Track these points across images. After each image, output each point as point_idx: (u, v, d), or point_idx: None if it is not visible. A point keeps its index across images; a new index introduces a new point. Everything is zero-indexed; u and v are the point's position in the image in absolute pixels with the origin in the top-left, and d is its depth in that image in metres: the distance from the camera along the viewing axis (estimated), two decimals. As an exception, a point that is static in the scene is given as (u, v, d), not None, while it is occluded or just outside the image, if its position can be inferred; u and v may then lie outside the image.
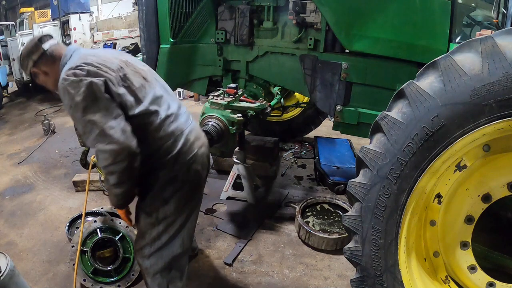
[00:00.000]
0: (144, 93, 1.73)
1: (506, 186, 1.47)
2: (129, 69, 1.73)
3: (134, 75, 1.73)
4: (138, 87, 1.72)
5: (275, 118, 4.65)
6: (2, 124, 6.78)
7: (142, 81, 1.75)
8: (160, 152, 1.76)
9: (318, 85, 2.80)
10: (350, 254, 1.65)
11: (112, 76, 1.63)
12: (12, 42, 8.21)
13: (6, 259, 1.90)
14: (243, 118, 2.71)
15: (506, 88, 1.25)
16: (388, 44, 2.44)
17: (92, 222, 2.50)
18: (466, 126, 1.33)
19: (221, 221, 3.17)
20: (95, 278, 2.37)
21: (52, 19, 8.24)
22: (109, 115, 1.58)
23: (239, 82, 3.31)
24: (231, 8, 3.05)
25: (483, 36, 1.32)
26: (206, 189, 3.67)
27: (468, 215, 1.54)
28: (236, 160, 3.32)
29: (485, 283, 1.57)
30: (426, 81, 1.41)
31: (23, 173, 4.35)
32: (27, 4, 16.50)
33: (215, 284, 2.48)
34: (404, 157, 1.43)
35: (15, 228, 3.20)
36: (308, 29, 2.84)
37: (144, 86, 1.75)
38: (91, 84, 1.56)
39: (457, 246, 1.58)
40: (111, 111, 1.59)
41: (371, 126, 1.59)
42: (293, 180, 3.94)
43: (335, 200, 3.23)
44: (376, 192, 1.51)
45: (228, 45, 3.20)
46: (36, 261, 2.75)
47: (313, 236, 2.78)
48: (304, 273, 2.58)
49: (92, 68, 1.60)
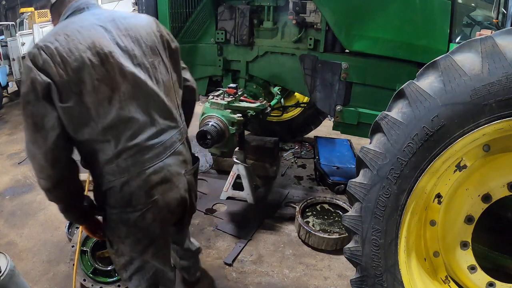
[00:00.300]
0: (103, 110, 1.30)
1: (506, 186, 1.47)
2: (101, 69, 1.28)
3: (101, 81, 1.28)
4: (95, 101, 1.28)
5: (275, 118, 4.65)
6: (2, 124, 6.77)
7: (108, 92, 1.30)
8: (110, 190, 1.43)
9: (318, 85, 2.80)
10: (350, 254, 1.65)
11: (62, 80, 1.23)
12: (12, 42, 8.20)
13: (6, 259, 1.90)
14: (243, 118, 2.71)
15: (506, 88, 1.24)
16: (388, 44, 2.44)
17: (92, 222, 2.50)
18: (466, 126, 1.33)
19: (221, 221, 3.17)
20: (95, 278, 2.37)
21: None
22: (36, 128, 1.26)
23: (239, 82, 3.31)
24: (231, 8, 3.05)
25: (483, 36, 1.32)
26: (206, 189, 3.69)
27: (468, 215, 1.54)
28: (236, 160, 3.32)
29: (485, 283, 1.57)
30: (426, 81, 1.41)
31: (23, 173, 4.35)
32: (27, 4, 16.50)
33: (215, 284, 2.48)
34: (404, 157, 1.43)
35: (15, 228, 3.20)
36: (308, 29, 2.84)
37: (109, 101, 1.30)
38: (34, 81, 1.23)
39: (457, 246, 1.58)
40: (41, 124, 1.25)
41: (371, 126, 1.59)
42: (293, 180, 3.94)
43: (335, 200, 3.23)
44: (376, 192, 1.51)
45: (228, 45, 3.20)
46: (36, 261, 2.75)
47: (313, 236, 2.78)
48: (304, 273, 2.58)
49: (46, 58, 1.23)
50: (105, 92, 1.30)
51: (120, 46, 1.35)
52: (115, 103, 1.32)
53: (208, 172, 4.08)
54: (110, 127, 1.33)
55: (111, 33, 1.35)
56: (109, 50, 1.31)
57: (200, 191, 3.62)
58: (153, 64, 1.44)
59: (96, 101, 1.29)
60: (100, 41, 1.30)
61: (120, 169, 1.39)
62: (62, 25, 1.34)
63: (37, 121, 1.26)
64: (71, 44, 1.25)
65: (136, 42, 1.40)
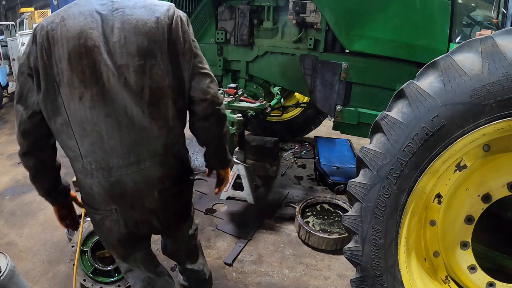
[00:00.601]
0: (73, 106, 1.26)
1: (506, 186, 1.47)
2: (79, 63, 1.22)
3: (76, 75, 1.22)
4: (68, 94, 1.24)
5: (275, 118, 4.65)
6: (2, 124, 6.77)
7: (80, 89, 1.24)
8: (80, 185, 1.47)
9: (318, 85, 2.80)
10: (350, 254, 1.65)
11: (45, 66, 1.23)
12: (12, 42, 8.21)
13: (6, 259, 1.90)
14: (243, 118, 2.71)
15: (506, 88, 1.24)
16: (388, 44, 2.45)
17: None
18: (466, 126, 1.33)
19: (221, 221, 3.17)
20: (95, 278, 2.37)
21: (52, 19, 8.25)
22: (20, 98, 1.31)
23: (239, 82, 3.31)
24: (231, 8, 3.05)
25: (483, 36, 1.32)
26: (206, 189, 3.69)
27: (468, 215, 1.54)
28: (236, 160, 3.32)
29: (485, 283, 1.57)
30: (426, 81, 1.41)
31: (23, 173, 4.34)
32: (27, 4, 16.49)
33: (215, 284, 2.48)
34: (404, 157, 1.43)
35: (15, 228, 3.20)
36: (308, 29, 2.84)
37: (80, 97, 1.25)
38: (29, 56, 1.26)
39: (457, 246, 1.58)
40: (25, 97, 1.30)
41: (371, 126, 1.59)
42: (293, 180, 3.94)
43: (335, 200, 3.23)
44: (376, 192, 1.51)
45: (228, 45, 3.20)
46: (36, 261, 2.75)
47: (313, 236, 2.78)
48: (304, 273, 2.58)
49: (40, 40, 1.23)
50: (77, 88, 1.23)
51: (108, 42, 1.23)
52: (85, 102, 1.25)
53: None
54: (78, 125, 1.28)
55: (107, 25, 1.24)
56: (93, 44, 1.21)
57: (200, 191, 3.62)
58: (141, 67, 1.26)
59: (69, 94, 1.24)
60: (88, 33, 1.21)
61: (85, 171, 1.37)
62: (68, 6, 1.29)
63: (23, 93, 1.30)
64: (62, 30, 1.21)
65: (131, 38, 1.24)
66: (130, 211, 1.44)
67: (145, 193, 1.42)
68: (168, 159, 1.43)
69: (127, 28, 1.24)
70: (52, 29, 1.22)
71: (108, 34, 1.23)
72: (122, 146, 1.32)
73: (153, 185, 1.42)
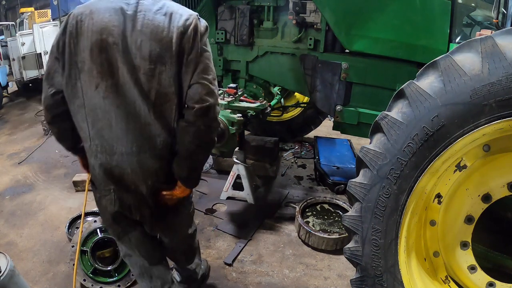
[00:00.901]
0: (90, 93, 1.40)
1: (506, 186, 1.47)
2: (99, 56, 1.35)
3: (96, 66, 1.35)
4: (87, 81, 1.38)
5: (275, 118, 4.65)
6: (2, 124, 6.77)
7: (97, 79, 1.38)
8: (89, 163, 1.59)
9: (318, 85, 2.80)
10: (350, 254, 1.65)
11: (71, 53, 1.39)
12: (12, 42, 8.19)
13: (6, 259, 1.90)
14: (243, 118, 2.71)
15: (506, 88, 1.24)
16: (388, 44, 2.45)
17: (92, 222, 2.50)
18: (466, 126, 1.33)
19: (221, 221, 3.17)
20: (95, 278, 2.37)
21: (52, 19, 8.26)
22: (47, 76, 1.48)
23: (239, 82, 3.31)
24: (231, 8, 3.05)
25: (483, 36, 1.32)
26: (206, 189, 3.69)
27: (468, 215, 1.54)
28: (236, 160, 3.32)
29: (485, 283, 1.57)
30: (426, 81, 1.41)
31: (23, 173, 4.35)
32: (27, 4, 16.48)
33: (215, 284, 2.48)
34: (404, 157, 1.43)
35: (15, 228, 3.20)
36: (308, 29, 2.84)
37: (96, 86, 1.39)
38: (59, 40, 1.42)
39: (457, 246, 1.58)
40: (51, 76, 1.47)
41: (371, 126, 1.59)
42: (293, 180, 3.94)
43: (335, 200, 3.23)
44: (376, 192, 1.51)
45: (228, 45, 3.20)
46: (36, 261, 2.75)
47: (313, 236, 2.78)
48: (304, 273, 2.58)
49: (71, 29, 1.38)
50: (95, 77, 1.36)
51: (126, 41, 1.34)
52: (100, 91, 1.38)
53: (208, 172, 4.08)
54: (91, 110, 1.41)
55: (128, 25, 1.34)
56: (113, 41, 1.34)
57: (200, 191, 3.62)
58: (151, 71, 1.36)
59: (88, 82, 1.38)
60: (110, 29, 1.33)
61: (91, 151, 1.51)
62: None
63: (50, 72, 1.47)
64: (88, 22, 1.34)
65: (145, 42, 1.34)
66: (124, 194, 1.55)
67: (140, 181, 1.51)
68: (166, 155, 1.51)
69: (145, 32, 1.34)
70: (81, 20, 1.35)
71: (127, 33, 1.34)
72: (126, 135, 1.43)
73: (148, 175, 1.51)
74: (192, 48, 1.38)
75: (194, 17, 1.41)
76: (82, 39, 1.35)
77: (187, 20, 1.38)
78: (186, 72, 1.40)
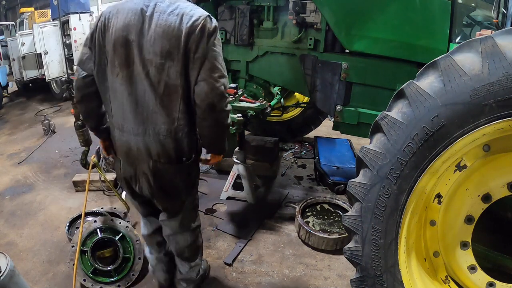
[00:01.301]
0: (112, 78, 1.64)
1: (506, 186, 1.47)
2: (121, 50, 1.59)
3: (117, 57, 1.59)
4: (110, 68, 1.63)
5: (275, 118, 4.65)
6: (2, 124, 6.78)
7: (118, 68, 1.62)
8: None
9: (318, 85, 2.80)
10: (350, 254, 1.65)
11: (99, 45, 1.65)
12: (12, 42, 8.19)
13: (6, 259, 1.90)
14: (243, 118, 2.71)
15: (506, 88, 1.24)
16: (388, 44, 2.44)
17: (92, 222, 2.50)
18: (466, 126, 1.33)
19: (221, 221, 3.17)
20: (95, 278, 2.37)
21: (52, 19, 8.22)
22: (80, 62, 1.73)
23: (239, 82, 3.31)
24: (231, 8, 3.05)
25: (483, 36, 1.32)
26: (206, 189, 3.69)
27: (468, 215, 1.54)
28: (236, 160, 3.32)
29: (485, 283, 1.57)
30: (426, 81, 1.41)
31: (23, 173, 4.35)
32: (27, 4, 16.47)
33: (215, 284, 2.48)
34: (404, 157, 1.43)
35: (15, 228, 3.20)
36: (308, 29, 2.84)
37: (117, 74, 1.62)
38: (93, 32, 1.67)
39: (457, 246, 1.58)
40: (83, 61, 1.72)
41: (371, 126, 1.59)
42: (293, 180, 3.94)
43: (335, 200, 3.23)
44: (376, 192, 1.51)
45: (228, 45, 3.20)
46: (36, 261, 2.75)
47: (313, 236, 2.78)
48: (304, 273, 2.58)
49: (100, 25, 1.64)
50: (116, 67, 1.61)
51: (143, 38, 1.55)
52: (119, 79, 1.62)
53: (208, 172, 4.09)
54: (113, 92, 1.66)
55: (145, 24, 1.55)
56: (132, 39, 1.56)
57: (200, 191, 3.62)
58: (162, 66, 1.55)
59: (111, 70, 1.63)
60: (130, 28, 1.56)
61: (111, 125, 1.78)
62: (125, 0, 1.64)
63: (82, 59, 1.71)
64: (114, 21, 1.59)
65: (158, 40, 1.53)
66: (129, 167, 1.79)
67: (143, 159, 1.73)
68: (168, 141, 1.69)
69: (158, 31, 1.53)
70: (108, 18, 1.61)
71: (144, 32, 1.55)
72: (135, 118, 1.66)
73: (150, 155, 1.71)
74: (198, 47, 1.53)
75: (204, 18, 1.55)
76: (108, 34, 1.59)
77: (196, 21, 1.53)
78: (192, 68, 1.57)
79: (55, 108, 7.55)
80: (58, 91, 8.00)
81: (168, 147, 1.69)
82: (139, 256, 2.50)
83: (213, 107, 1.60)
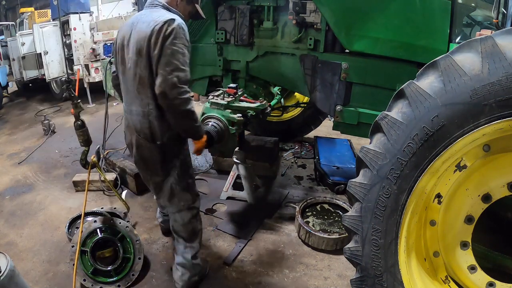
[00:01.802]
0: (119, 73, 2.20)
1: (506, 186, 1.47)
2: (121, 51, 2.09)
3: (119, 56, 2.12)
4: (118, 65, 2.16)
5: (275, 118, 4.65)
6: (2, 124, 6.78)
7: (120, 65, 2.14)
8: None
9: (318, 85, 2.80)
10: (350, 254, 1.65)
11: (115, 48, 2.19)
12: (12, 42, 8.20)
13: (6, 259, 1.90)
14: (243, 118, 2.70)
15: (506, 88, 1.24)
16: (388, 44, 2.44)
17: (92, 222, 2.50)
18: (466, 126, 1.33)
19: (221, 221, 3.17)
20: (95, 278, 2.37)
21: (52, 19, 8.22)
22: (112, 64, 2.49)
23: (239, 82, 3.31)
24: (231, 8, 3.05)
25: (483, 36, 1.32)
26: (206, 189, 3.69)
27: (468, 215, 1.54)
28: (236, 160, 3.32)
29: (485, 283, 1.57)
30: (426, 81, 1.41)
31: (23, 173, 4.35)
32: (27, 4, 16.46)
33: (215, 284, 2.49)
34: (404, 157, 1.43)
35: (15, 228, 3.20)
36: (308, 29, 2.84)
37: (119, 70, 2.17)
38: (115, 41, 2.19)
39: (457, 246, 1.58)
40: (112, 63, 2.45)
41: (371, 126, 1.59)
42: (293, 180, 3.94)
43: (335, 200, 3.23)
44: (376, 192, 1.51)
45: (228, 45, 3.20)
46: (36, 261, 2.75)
47: (313, 236, 2.78)
48: (304, 273, 2.58)
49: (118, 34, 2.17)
50: (119, 64, 2.15)
51: (129, 44, 2.02)
52: (120, 73, 2.17)
53: (208, 172, 4.09)
54: (123, 83, 2.17)
55: (131, 31, 2.01)
56: (126, 43, 2.05)
57: (200, 191, 3.61)
58: (136, 61, 1.98)
59: (119, 67, 2.16)
60: (125, 35, 2.05)
61: (124, 109, 2.25)
62: (135, 16, 2.10)
63: (112, 61, 2.44)
64: (120, 31, 2.13)
65: (134, 43, 1.98)
66: (128, 136, 2.29)
67: (132, 132, 2.19)
68: (144, 121, 2.08)
69: (135, 36, 1.99)
70: (119, 31, 2.16)
71: (130, 38, 2.02)
72: (126, 101, 2.18)
73: (134, 130, 2.15)
74: (156, 46, 1.88)
75: (163, 22, 1.88)
76: (117, 40, 2.13)
77: (156, 25, 1.89)
78: (154, 63, 1.93)
79: (55, 108, 7.55)
80: (58, 91, 8.00)
81: (144, 126, 2.08)
82: (139, 256, 2.50)
83: (165, 95, 1.90)
